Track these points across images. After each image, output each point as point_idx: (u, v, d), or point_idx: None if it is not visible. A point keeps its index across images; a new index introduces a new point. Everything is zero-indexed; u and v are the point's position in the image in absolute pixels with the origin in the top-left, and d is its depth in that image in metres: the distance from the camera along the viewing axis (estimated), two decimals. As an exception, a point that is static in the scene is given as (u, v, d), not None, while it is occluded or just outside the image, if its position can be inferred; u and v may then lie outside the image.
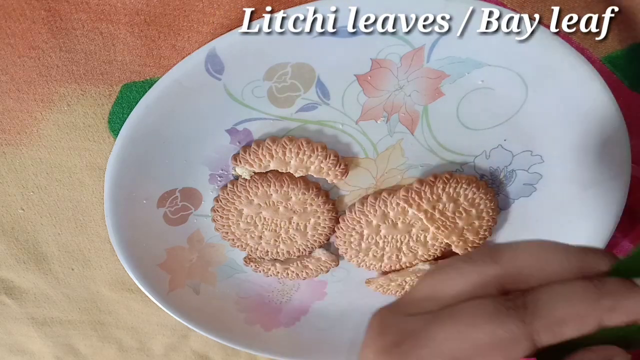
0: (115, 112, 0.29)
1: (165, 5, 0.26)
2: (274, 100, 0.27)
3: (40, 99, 0.28)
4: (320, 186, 0.32)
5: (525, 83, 0.27)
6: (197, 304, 0.36)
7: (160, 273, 0.34)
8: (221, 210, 0.32)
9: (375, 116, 0.28)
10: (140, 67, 0.28)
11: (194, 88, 0.26)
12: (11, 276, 0.37)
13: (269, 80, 0.26)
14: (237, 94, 0.26)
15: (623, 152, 0.29)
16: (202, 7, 0.26)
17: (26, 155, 0.31)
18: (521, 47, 0.25)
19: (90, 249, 0.36)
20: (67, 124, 0.29)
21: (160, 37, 0.27)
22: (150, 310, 0.40)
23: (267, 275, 0.36)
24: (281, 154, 0.29)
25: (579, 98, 0.27)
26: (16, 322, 0.41)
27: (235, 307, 0.38)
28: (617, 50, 0.28)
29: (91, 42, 0.26)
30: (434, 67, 0.26)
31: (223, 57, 0.24)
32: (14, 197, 0.33)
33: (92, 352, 0.43)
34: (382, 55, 0.25)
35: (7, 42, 0.26)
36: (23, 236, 0.35)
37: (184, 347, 0.43)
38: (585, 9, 0.26)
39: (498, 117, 0.29)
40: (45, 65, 0.27)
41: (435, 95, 0.28)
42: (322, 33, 0.24)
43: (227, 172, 0.31)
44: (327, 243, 0.35)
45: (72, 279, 0.38)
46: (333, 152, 0.30)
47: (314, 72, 0.26)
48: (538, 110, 0.28)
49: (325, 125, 0.29)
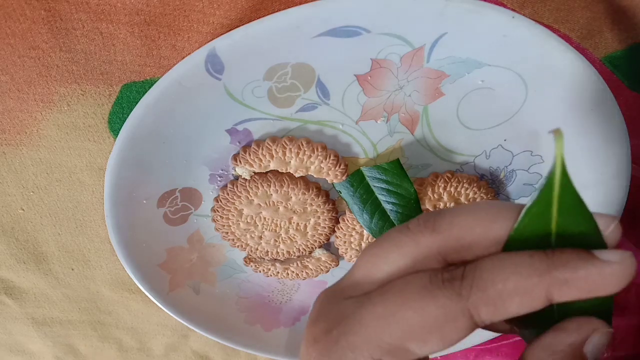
0: (115, 112, 0.29)
1: (165, 5, 0.26)
2: (274, 100, 0.27)
3: (40, 99, 0.28)
4: (320, 186, 0.32)
5: (525, 83, 0.27)
6: (197, 304, 0.36)
7: (160, 273, 0.34)
8: (221, 210, 0.32)
9: (375, 116, 0.28)
10: (140, 67, 0.28)
11: (194, 88, 0.25)
12: (11, 276, 0.37)
13: (269, 80, 0.26)
14: (237, 94, 0.26)
15: (623, 152, 0.29)
16: (202, 7, 0.26)
17: (26, 155, 0.31)
18: (521, 47, 0.25)
19: (90, 249, 0.36)
20: (67, 124, 0.29)
21: (160, 37, 0.27)
22: (150, 310, 0.40)
23: (267, 276, 0.36)
24: (281, 154, 0.29)
25: (579, 98, 0.27)
26: (16, 322, 0.41)
27: (235, 307, 0.38)
28: (617, 50, 0.28)
29: (91, 42, 0.26)
30: (434, 67, 0.26)
31: (223, 57, 0.24)
32: (14, 197, 0.33)
33: (92, 352, 0.43)
34: (382, 55, 0.25)
35: (7, 42, 0.26)
36: (23, 236, 0.35)
37: (184, 347, 0.43)
38: (585, 8, 0.26)
39: (498, 117, 0.29)
40: (45, 65, 0.27)
41: (435, 95, 0.28)
42: (322, 33, 0.24)
43: (227, 172, 0.31)
44: (327, 243, 0.35)
45: (72, 279, 0.38)
46: (333, 152, 0.30)
47: (314, 72, 0.26)
48: (538, 110, 0.28)
49: (325, 125, 0.29)
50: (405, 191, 0.31)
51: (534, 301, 0.16)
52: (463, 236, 0.17)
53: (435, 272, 0.17)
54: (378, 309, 0.17)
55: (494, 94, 0.27)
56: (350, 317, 0.18)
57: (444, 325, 0.16)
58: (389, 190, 0.31)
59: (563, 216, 0.17)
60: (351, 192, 0.31)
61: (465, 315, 0.16)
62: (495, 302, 0.16)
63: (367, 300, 0.18)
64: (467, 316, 0.16)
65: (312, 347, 0.19)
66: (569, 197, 0.16)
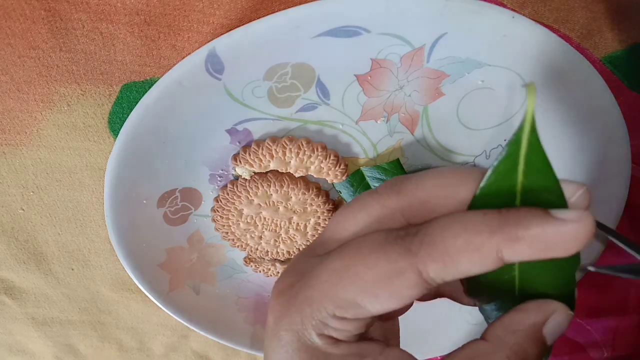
0: (115, 112, 0.29)
1: (165, 5, 0.26)
2: (274, 100, 0.27)
3: (40, 99, 0.28)
4: (320, 186, 0.32)
5: (525, 83, 0.27)
6: (197, 304, 0.36)
7: (160, 273, 0.34)
8: (221, 210, 0.32)
9: (375, 116, 0.28)
10: (140, 67, 0.28)
11: (194, 88, 0.25)
12: (11, 276, 0.37)
13: (269, 80, 0.26)
14: (237, 94, 0.26)
15: (623, 152, 0.29)
16: (202, 7, 0.26)
17: (26, 155, 0.31)
18: (521, 47, 0.25)
19: (90, 249, 0.36)
20: (67, 124, 0.29)
21: (160, 37, 0.27)
22: (150, 310, 0.40)
23: (267, 276, 0.36)
24: (281, 154, 0.29)
25: (579, 98, 0.27)
26: (16, 322, 0.41)
27: (235, 307, 0.38)
28: (617, 50, 0.28)
29: (91, 42, 0.26)
30: (434, 67, 0.26)
31: (223, 57, 0.24)
32: (14, 197, 0.33)
33: (92, 352, 0.43)
34: (382, 55, 0.25)
35: (7, 42, 0.26)
36: (23, 236, 0.35)
37: (184, 347, 0.43)
38: (585, 8, 0.26)
39: (498, 117, 0.29)
40: (45, 65, 0.27)
41: (435, 95, 0.28)
42: (322, 33, 0.24)
43: (227, 172, 0.31)
44: (327, 243, 0.35)
45: (72, 279, 0.38)
46: (333, 152, 0.30)
47: (314, 72, 0.26)
48: (538, 110, 0.28)
49: (325, 125, 0.29)
50: (405, 191, 0.31)
51: (484, 259, 0.16)
52: (427, 199, 0.17)
53: (392, 230, 0.17)
54: (335, 264, 0.18)
55: (494, 94, 0.27)
56: (310, 272, 0.18)
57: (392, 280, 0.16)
58: (389, 190, 0.31)
59: (528, 178, 0.16)
60: (351, 192, 0.31)
61: (413, 271, 0.16)
62: (443, 258, 0.16)
63: (326, 257, 0.18)
64: (416, 272, 0.16)
65: (276, 300, 0.19)
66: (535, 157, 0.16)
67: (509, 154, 0.16)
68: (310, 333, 0.18)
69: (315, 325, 0.18)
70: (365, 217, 0.18)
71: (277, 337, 0.19)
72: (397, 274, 0.16)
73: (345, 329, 0.18)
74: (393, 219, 0.18)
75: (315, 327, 0.18)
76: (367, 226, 0.18)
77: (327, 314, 0.17)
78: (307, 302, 0.18)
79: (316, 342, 0.18)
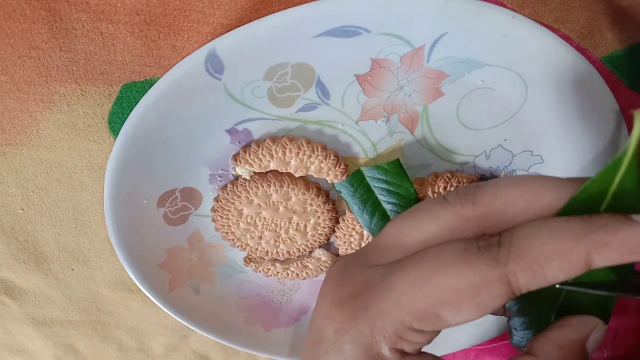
0: (115, 112, 0.29)
1: (165, 5, 0.26)
2: (274, 100, 0.27)
3: (40, 99, 0.28)
4: (320, 186, 0.32)
5: (525, 83, 0.27)
6: (197, 304, 0.36)
7: (160, 273, 0.34)
8: (221, 210, 0.32)
9: (375, 116, 0.28)
10: (140, 67, 0.28)
11: (194, 88, 0.26)
12: (11, 276, 0.37)
13: (269, 80, 0.26)
14: (237, 94, 0.26)
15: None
16: (202, 7, 0.26)
17: (26, 155, 0.31)
18: (521, 47, 0.25)
19: (90, 249, 0.36)
20: (67, 124, 0.29)
21: (160, 37, 0.27)
22: (150, 310, 0.40)
23: (267, 276, 0.36)
24: (281, 154, 0.29)
25: (579, 98, 0.27)
26: (16, 322, 0.41)
27: (235, 307, 0.38)
28: (617, 50, 0.28)
29: (91, 42, 0.26)
30: (434, 67, 0.26)
31: (223, 57, 0.24)
32: (14, 197, 0.33)
33: (92, 352, 0.43)
34: (382, 55, 0.25)
35: (7, 42, 0.26)
36: (23, 236, 0.35)
37: (184, 347, 0.43)
38: (585, 8, 0.26)
39: (498, 117, 0.29)
40: (45, 65, 0.27)
41: (435, 95, 0.28)
42: (322, 33, 0.24)
43: (227, 172, 0.31)
44: (327, 243, 0.35)
45: (72, 279, 0.38)
46: (333, 152, 0.30)
47: (314, 72, 0.26)
48: (538, 110, 0.28)
49: (325, 125, 0.29)
50: (405, 191, 0.31)
51: (573, 266, 0.16)
52: (506, 210, 0.17)
53: (470, 240, 0.17)
54: (410, 275, 0.17)
55: (494, 94, 0.27)
56: (380, 284, 0.18)
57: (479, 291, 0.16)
58: (389, 191, 0.31)
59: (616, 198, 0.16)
60: (351, 192, 0.31)
61: (502, 282, 0.16)
62: (533, 267, 0.16)
63: (397, 267, 0.18)
64: (505, 282, 0.16)
65: (337, 311, 0.18)
66: (629, 179, 0.16)
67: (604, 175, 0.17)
68: (382, 346, 0.17)
69: (388, 338, 0.17)
70: (433, 226, 0.18)
71: (339, 349, 0.18)
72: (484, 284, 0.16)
73: (419, 342, 0.18)
74: (467, 229, 0.17)
75: (388, 340, 0.17)
76: (438, 236, 0.18)
77: (403, 327, 0.17)
78: (380, 314, 0.17)
79: (386, 355, 0.17)
